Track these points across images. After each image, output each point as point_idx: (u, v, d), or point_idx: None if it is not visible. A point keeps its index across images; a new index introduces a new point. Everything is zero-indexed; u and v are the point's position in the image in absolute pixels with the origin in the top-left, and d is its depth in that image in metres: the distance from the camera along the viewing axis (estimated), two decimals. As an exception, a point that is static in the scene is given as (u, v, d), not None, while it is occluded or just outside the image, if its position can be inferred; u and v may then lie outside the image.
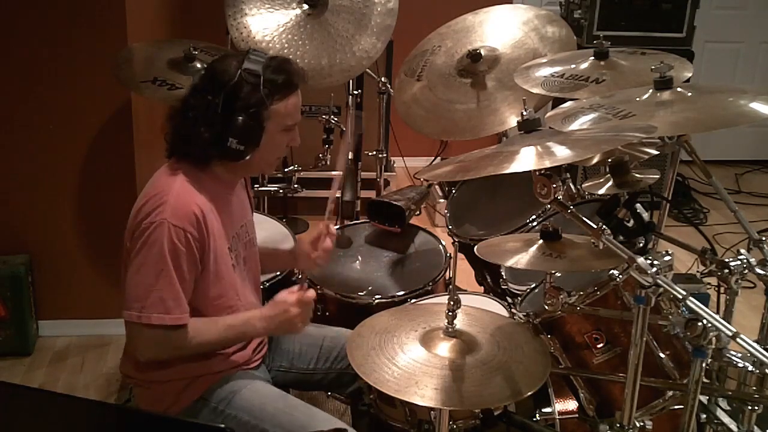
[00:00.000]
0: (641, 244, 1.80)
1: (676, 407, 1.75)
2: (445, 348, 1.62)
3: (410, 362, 1.58)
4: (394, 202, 2.57)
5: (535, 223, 2.37)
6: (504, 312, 2.14)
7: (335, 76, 2.54)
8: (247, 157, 1.78)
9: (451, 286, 1.63)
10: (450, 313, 1.64)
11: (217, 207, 1.80)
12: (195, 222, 1.72)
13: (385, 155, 3.10)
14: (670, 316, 1.67)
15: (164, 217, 1.69)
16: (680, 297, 1.40)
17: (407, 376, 1.54)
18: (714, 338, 1.38)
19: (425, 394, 1.49)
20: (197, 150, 1.78)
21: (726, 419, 1.80)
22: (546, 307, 1.72)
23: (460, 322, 1.67)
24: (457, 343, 1.64)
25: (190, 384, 1.82)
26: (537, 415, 1.98)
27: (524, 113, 1.63)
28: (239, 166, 1.82)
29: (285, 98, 1.79)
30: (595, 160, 1.98)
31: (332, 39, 2.52)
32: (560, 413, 1.99)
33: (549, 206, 2.09)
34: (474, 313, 1.80)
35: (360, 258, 2.56)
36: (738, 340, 1.33)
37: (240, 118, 1.74)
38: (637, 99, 1.72)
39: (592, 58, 2.14)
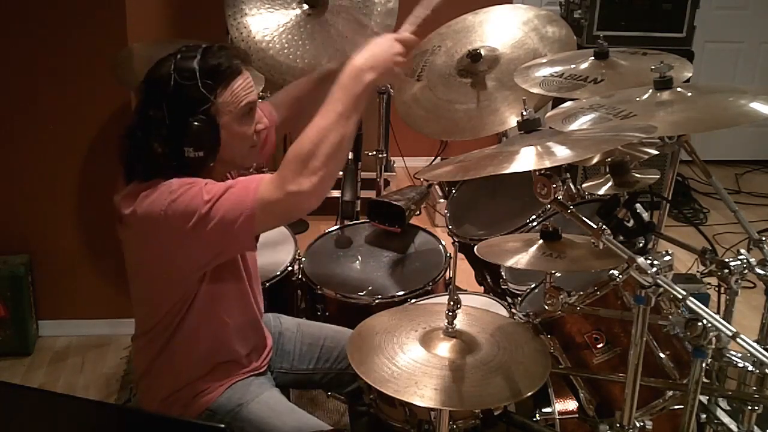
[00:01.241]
0: (641, 244, 1.80)
1: (676, 407, 1.75)
2: (445, 348, 1.62)
3: (410, 362, 1.58)
4: (394, 202, 2.57)
5: (535, 223, 2.37)
6: (504, 312, 2.14)
7: (336, 77, 2.54)
8: (211, 163, 1.67)
9: (451, 286, 1.63)
10: (450, 314, 1.63)
11: None
12: None
13: (384, 155, 3.10)
14: (670, 316, 1.66)
15: None
16: (680, 297, 1.40)
17: (407, 376, 1.54)
18: (714, 338, 1.38)
19: (425, 395, 1.49)
20: (156, 168, 1.65)
21: (726, 419, 1.80)
22: (546, 307, 1.72)
23: (460, 322, 1.66)
24: (457, 344, 1.63)
25: (197, 395, 1.80)
26: (537, 415, 1.98)
27: (524, 113, 1.63)
28: (212, 169, 1.71)
29: (228, 85, 1.65)
30: (595, 160, 1.98)
31: (332, 39, 2.53)
32: (560, 413, 1.99)
33: (549, 206, 2.09)
34: (474, 313, 1.80)
35: (360, 258, 2.55)
36: (738, 340, 1.33)
37: (189, 123, 1.61)
38: (637, 99, 1.72)
39: (592, 58, 2.14)
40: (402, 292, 2.30)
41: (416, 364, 1.58)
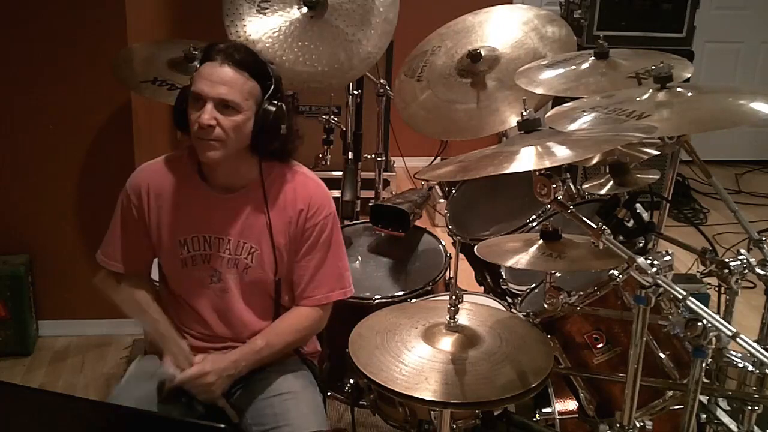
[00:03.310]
0: (641, 244, 1.80)
1: (676, 407, 1.75)
2: (448, 343, 1.63)
3: (417, 359, 1.58)
4: (398, 206, 2.56)
5: (535, 223, 2.37)
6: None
7: (356, 69, 2.51)
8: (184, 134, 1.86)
9: (453, 280, 1.63)
10: (452, 308, 1.64)
11: (175, 198, 1.91)
12: (137, 192, 1.93)
13: (384, 158, 3.09)
14: (670, 316, 1.66)
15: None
16: (680, 297, 1.40)
17: (416, 373, 1.54)
18: (714, 338, 1.38)
19: (436, 390, 1.49)
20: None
21: (726, 419, 1.80)
22: (546, 307, 1.72)
23: (459, 317, 1.67)
24: (460, 338, 1.64)
25: None
26: (537, 415, 1.98)
27: (524, 113, 1.63)
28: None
29: (200, 65, 1.79)
30: (595, 160, 1.98)
31: (340, 37, 2.52)
32: (560, 413, 1.99)
33: (549, 206, 2.09)
34: (471, 308, 1.80)
35: (360, 258, 2.55)
36: (738, 340, 1.33)
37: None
38: (637, 99, 1.72)
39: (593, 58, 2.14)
40: (402, 292, 2.30)
41: (423, 360, 1.58)
